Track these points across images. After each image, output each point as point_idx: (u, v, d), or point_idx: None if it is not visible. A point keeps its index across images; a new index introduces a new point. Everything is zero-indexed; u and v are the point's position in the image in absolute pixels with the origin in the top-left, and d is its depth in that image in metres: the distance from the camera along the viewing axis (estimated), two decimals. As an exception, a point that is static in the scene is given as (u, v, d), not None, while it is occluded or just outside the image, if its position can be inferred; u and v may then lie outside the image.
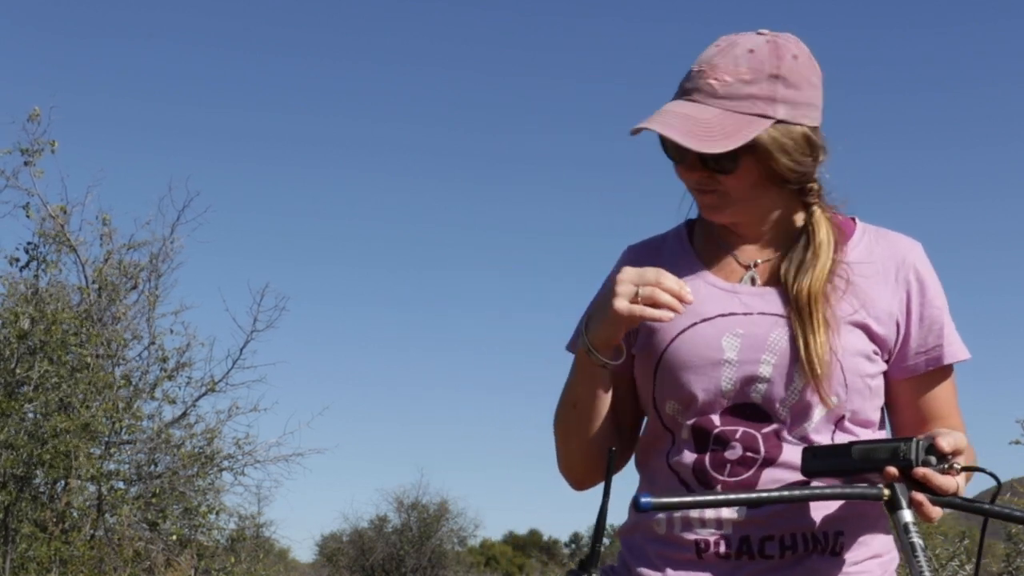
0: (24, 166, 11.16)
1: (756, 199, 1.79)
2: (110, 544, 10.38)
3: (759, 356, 1.75)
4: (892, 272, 1.81)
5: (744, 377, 1.76)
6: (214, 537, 11.90)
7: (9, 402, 9.61)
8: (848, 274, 1.79)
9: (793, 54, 1.78)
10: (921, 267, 1.82)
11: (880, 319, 1.78)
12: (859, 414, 1.78)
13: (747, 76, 1.75)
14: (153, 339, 11.68)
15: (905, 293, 1.80)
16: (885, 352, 1.79)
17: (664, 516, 1.78)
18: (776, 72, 1.76)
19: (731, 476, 1.75)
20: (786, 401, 1.75)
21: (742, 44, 1.77)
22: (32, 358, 9.96)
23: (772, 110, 1.75)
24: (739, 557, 1.73)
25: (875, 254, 1.83)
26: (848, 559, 1.75)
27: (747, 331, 1.77)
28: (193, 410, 11.84)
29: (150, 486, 10.97)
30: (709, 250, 1.88)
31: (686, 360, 1.79)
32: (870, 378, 1.78)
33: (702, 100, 1.75)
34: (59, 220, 11.25)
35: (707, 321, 1.79)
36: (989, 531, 6.60)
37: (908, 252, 1.83)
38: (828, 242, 1.80)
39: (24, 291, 10.51)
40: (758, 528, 1.73)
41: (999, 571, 13.44)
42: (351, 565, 28.03)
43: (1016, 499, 12.07)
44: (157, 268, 11.87)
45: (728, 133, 1.72)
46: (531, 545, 43.10)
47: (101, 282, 11.39)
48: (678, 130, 1.72)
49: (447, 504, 27.92)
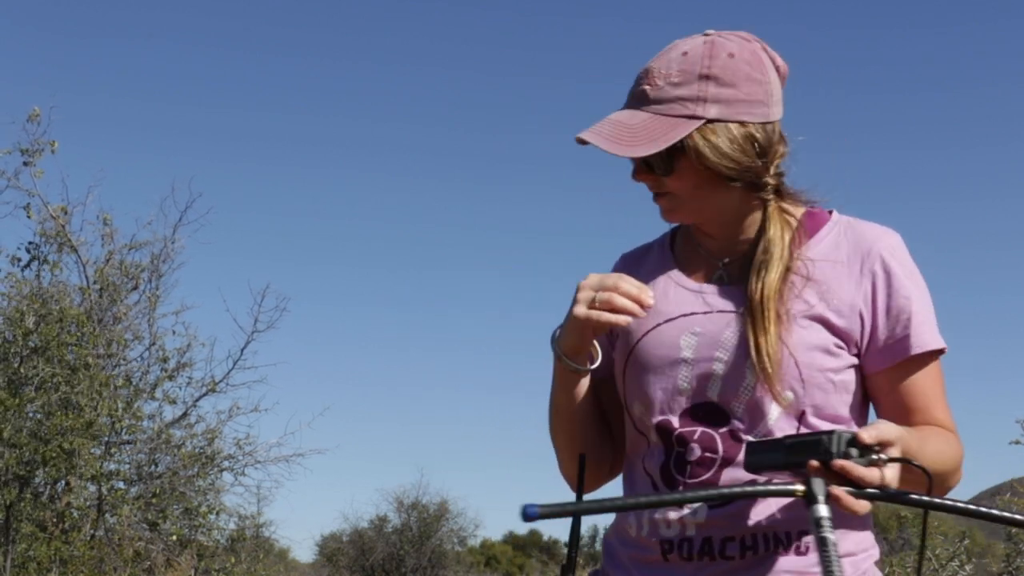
0: (24, 166, 11.18)
1: (703, 199, 1.79)
2: (110, 544, 10.38)
3: (713, 354, 1.76)
4: (857, 264, 1.78)
5: (699, 375, 1.76)
6: (214, 537, 11.90)
7: (12, 400, 9.62)
8: (808, 270, 1.77)
9: (729, 52, 1.77)
10: (888, 257, 1.78)
11: (841, 312, 1.76)
12: (823, 409, 1.75)
13: (676, 79, 1.75)
14: (154, 339, 11.69)
15: (870, 284, 1.77)
16: (852, 345, 1.77)
17: (634, 518, 1.79)
18: (707, 72, 1.75)
19: (691, 477, 1.75)
20: (740, 398, 1.74)
21: (680, 47, 1.79)
22: (36, 357, 9.96)
23: (702, 110, 1.74)
24: (701, 558, 1.73)
25: (842, 247, 1.80)
26: (814, 559, 1.71)
27: (704, 329, 1.78)
28: (194, 410, 11.85)
29: (150, 486, 10.98)
30: (686, 253, 1.90)
31: (648, 361, 1.80)
32: (832, 372, 1.75)
33: (636, 106, 1.78)
34: (60, 220, 11.26)
35: (670, 321, 1.81)
36: (989, 531, 6.64)
37: (875, 242, 1.79)
38: (779, 239, 1.79)
39: (29, 290, 10.52)
40: (719, 529, 1.73)
41: (999, 571, 13.43)
42: (351, 565, 28.02)
43: (1016, 499, 12.08)
44: (158, 268, 11.89)
45: (653, 137, 1.73)
46: (531, 545, 43.09)
47: (102, 282, 11.39)
48: (604, 137, 1.75)
49: (447, 504, 27.94)
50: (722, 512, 1.73)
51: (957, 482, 1.76)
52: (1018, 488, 12.38)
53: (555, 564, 31.94)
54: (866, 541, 1.80)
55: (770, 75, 1.80)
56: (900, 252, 1.80)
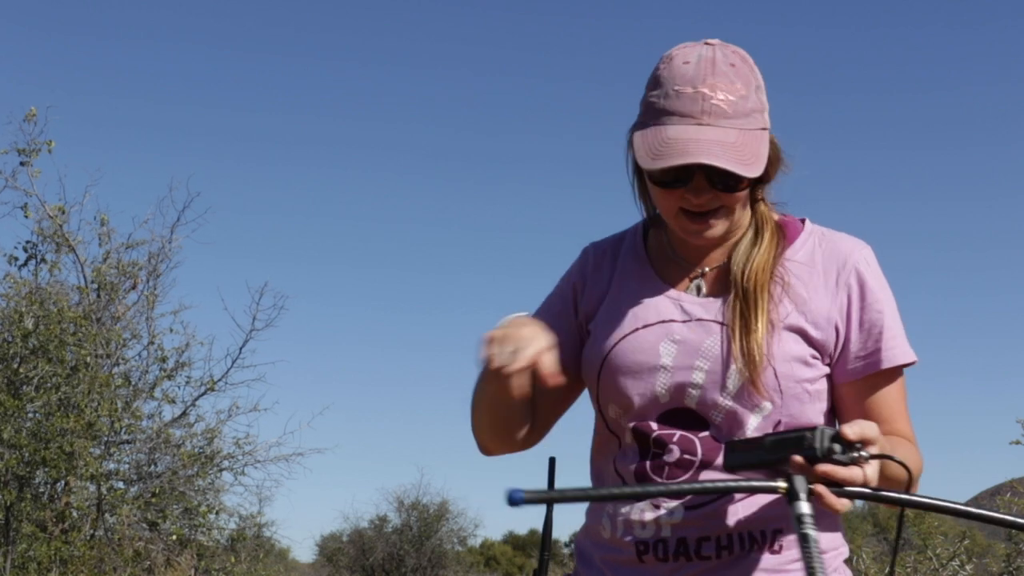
0: (21, 166, 11.18)
1: (743, 213, 1.81)
2: (110, 544, 10.38)
3: (693, 362, 1.76)
4: (833, 275, 1.79)
5: (678, 383, 1.76)
6: (214, 537, 11.91)
7: (12, 401, 9.61)
8: (786, 274, 1.78)
9: (752, 63, 1.80)
10: (864, 270, 1.79)
11: (818, 324, 1.76)
12: (797, 419, 1.76)
13: (743, 91, 1.74)
14: (152, 339, 11.69)
15: (846, 297, 1.78)
16: (825, 356, 1.78)
17: (608, 520, 1.79)
18: (758, 82, 1.78)
19: (669, 478, 1.76)
20: (720, 407, 1.75)
21: (718, 59, 1.75)
22: (35, 358, 9.96)
23: (765, 120, 1.77)
24: (677, 559, 1.73)
25: (817, 257, 1.81)
26: (789, 556, 1.74)
27: (683, 337, 1.78)
28: (193, 410, 11.86)
29: (150, 486, 10.98)
30: (661, 256, 1.88)
31: (625, 365, 1.80)
32: (808, 383, 1.76)
33: (716, 123, 1.71)
34: (57, 220, 11.26)
35: (648, 327, 1.81)
36: (990, 531, 6.62)
37: (850, 255, 1.80)
38: (771, 239, 1.81)
39: (29, 291, 10.51)
40: (695, 529, 1.73)
41: (999, 571, 13.43)
42: (351, 565, 28.03)
43: (1017, 499, 12.07)
44: (156, 268, 11.90)
45: (756, 153, 1.71)
46: (531, 545, 43.07)
47: (100, 282, 11.39)
48: (723, 159, 1.68)
49: (447, 504, 27.94)
50: (698, 512, 1.73)
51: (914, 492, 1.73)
52: (1018, 488, 12.37)
53: (555, 564, 31.95)
54: (836, 540, 1.81)
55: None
56: (873, 265, 1.81)
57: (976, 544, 14.72)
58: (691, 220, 1.76)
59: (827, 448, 1.54)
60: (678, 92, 1.73)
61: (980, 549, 16.01)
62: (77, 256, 11.50)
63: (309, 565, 32.71)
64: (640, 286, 1.85)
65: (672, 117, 1.73)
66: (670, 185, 1.74)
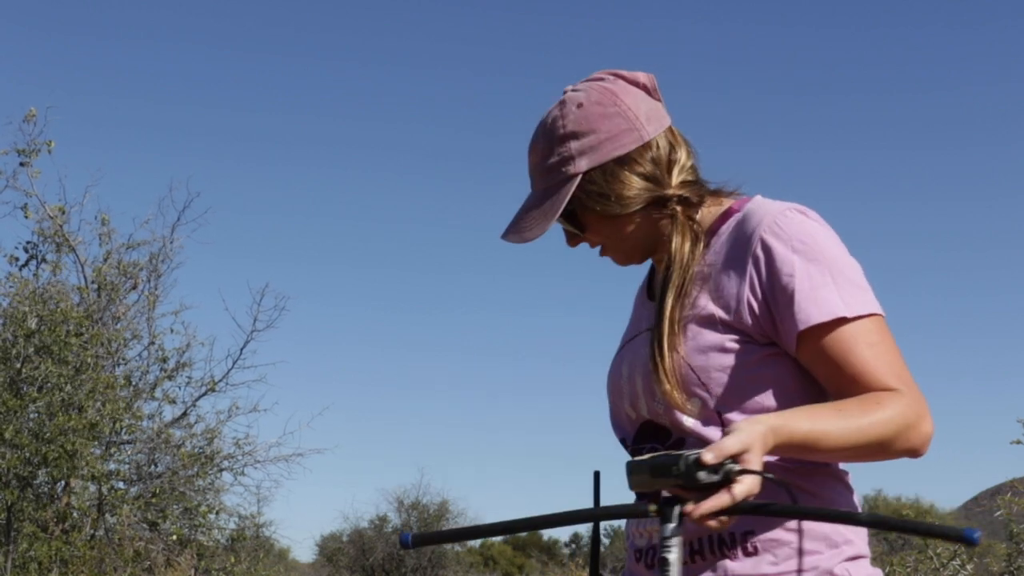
0: (21, 167, 11.18)
1: (624, 239, 1.85)
2: (110, 544, 10.38)
3: (635, 374, 1.83)
4: (744, 252, 1.74)
5: (632, 396, 1.83)
6: (214, 537, 11.91)
7: (15, 401, 9.61)
8: (709, 270, 1.77)
9: (578, 103, 1.83)
10: (768, 236, 1.72)
11: (729, 307, 1.73)
12: (741, 405, 1.72)
13: (544, 150, 1.85)
14: (153, 339, 11.70)
15: (753, 269, 1.72)
16: (756, 335, 1.73)
17: (628, 530, 1.88)
18: (563, 132, 1.82)
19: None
20: (664, 414, 1.77)
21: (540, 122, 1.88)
22: (37, 358, 9.96)
23: (574, 167, 1.81)
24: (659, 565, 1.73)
25: (733, 238, 1.78)
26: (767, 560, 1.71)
27: (633, 352, 1.86)
28: (193, 410, 11.87)
29: (150, 486, 10.98)
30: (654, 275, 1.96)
31: (609, 389, 1.92)
32: (740, 368, 1.72)
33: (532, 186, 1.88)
34: (58, 220, 11.26)
35: (620, 348, 1.93)
36: (990, 531, 6.62)
37: (758, 225, 1.74)
38: (680, 250, 1.80)
39: (31, 291, 10.52)
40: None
41: (1000, 571, 13.43)
42: (351, 565, 28.03)
43: (1017, 499, 12.06)
44: (157, 268, 11.90)
45: (545, 212, 1.82)
46: (531, 545, 43.06)
47: (100, 282, 11.40)
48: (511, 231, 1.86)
49: (447, 504, 27.95)
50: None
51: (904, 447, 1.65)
52: (1019, 488, 12.36)
53: (555, 564, 31.97)
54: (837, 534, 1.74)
55: (626, 101, 1.82)
56: (786, 227, 1.72)
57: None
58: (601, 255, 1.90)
59: (692, 475, 1.54)
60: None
61: (981, 548, 16.01)
62: (78, 256, 11.51)
63: (309, 565, 32.71)
64: (635, 310, 1.96)
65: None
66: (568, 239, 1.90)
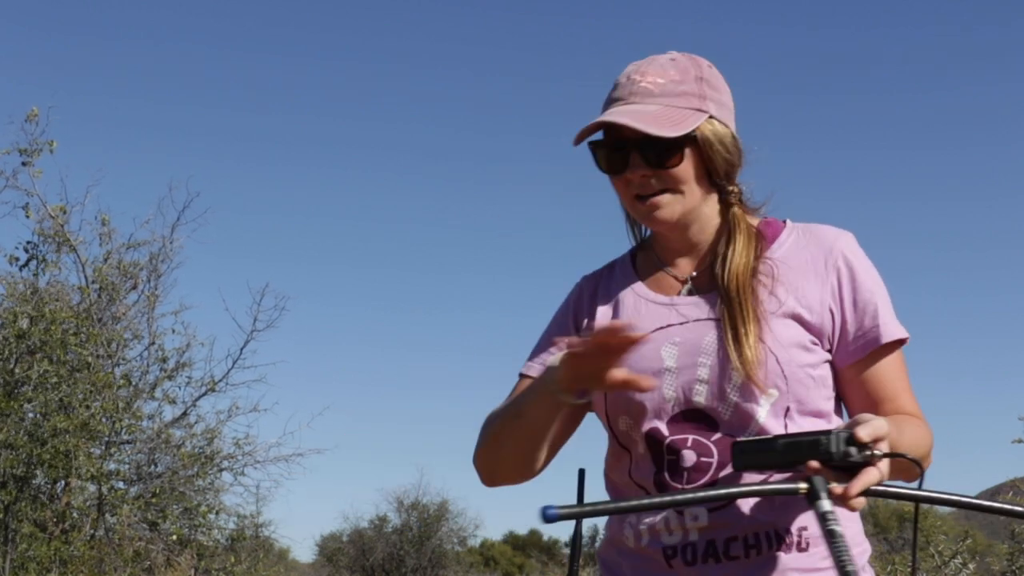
0: (23, 166, 11.17)
1: (693, 197, 1.85)
2: (110, 544, 10.37)
3: (696, 360, 1.79)
4: (821, 262, 1.84)
5: (685, 382, 1.79)
6: (214, 537, 11.91)
7: (9, 402, 9.60)
8: (774, 270, 1.83)
9: (708, 65, 1.90)
10: (849, 254, 1.85)
11: (812, 308, 1.81)
12: (806, 404, 1.78)
13: (676, 77, 1.84)
14: (153, 339, 11.69)
15: (836, 280, 1.83)
16: (825, 341, 1.81)
17: (631, 530, 1.81)
18: (700, 75, 1.86)
19: (689, 483, 1.77)
20: (727, 401, 1.77)
21: (661, 57, 1.88)
22: (31, 358, 9.95)
23: (705, 106, 1.84)
24: (706, 561, 1.74)
25: (802, 248, 1.87)
26: (819, 554, 1.75)
27: (683, 338, 1.81)
28: (193, 410, 11.86)
29: (150, 486, 10.97)
30: (649, 270, 1.94)
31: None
32: (811, 368, 1.79)
33: (641, 101, 1.82)
34: (58, 220, 11.25)
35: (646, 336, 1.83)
36: (991, 531, 6.63)
37: (835, 241, 1.86)
38: (747, 239, 1.86)
39: (23, 291, 10.51)
40: (722, 530, 1.74)
41: (1002, 570, 13.42)
42: (351, 565, 28.04)
43: (1018, 498, 12.06)
44: (157, 268, 11.90)
45: (675, 122, 1.79)
46: (531, 545, 43.06)
47: (101, 282, 11.39)
48: (632, 118, 1.77)
49: (447, 504, 27.98)
50: (722, 513, 1.74)
51: (928, 466, 1.78)
52: (1020, 487, 12.36)
53: (555, 564, 31.96)
54: (859, 537, 1.84)
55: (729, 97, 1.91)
56: (858, 250, 1.87)
57: (978, 543, 14.72)
58: (642, 203, 1.84)
59: (843, 452, 1.55)
60: (615, 84, 1.87)
61: (982, 548, 16.01)
62: (78, 256, 11.50)
63: (309, 565, 32.72)
64: (634, 300, 1.91)
65: (608, 104, 1.85)
66: (616, 172, 1.84)
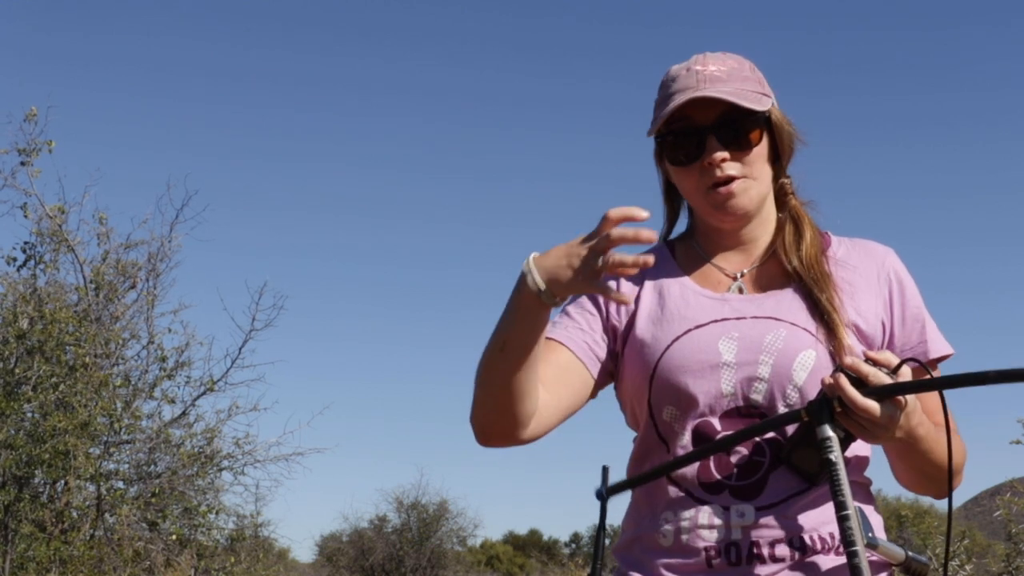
0: (21, 166, 11.16)
1: (765, 179, 1.86)
2: (110, 544, 10.36)
3: (757, 357, 1.77)
4: (873, 274, 1.87)
5: (744, 379, 1.77)
6: (214, 537, 11.90)
7: (8, 402, 9.60)
8: (842, 281, 1.84)
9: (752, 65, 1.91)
10: (899, 270, 1.89)
11: (868, 319, 1.83)
12: None
13: (736, 66, 1.86)
14: (152, 338, 11.67)
15: (887, 294, 1.86)
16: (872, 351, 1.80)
17: (671, 527, 1.77)
18: (752, 66, 1.90)
19: (739, 480, 1.75)
20: (787, 402, 1.75)
21: (710, 53, 1.88)
22: (31, 358, 9.95)
23: (767, 91, 1.87)
24: (750, 562, 1.72)
25: (854, 259, 1.89)
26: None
27: (742, 334, 1.79)
28: (192, 409, 11.84)
29: (150, 486, 10.96)
30: (692, 265, 1.91)
31: (683, 364, 1.79)
32: None
33: (712, 86, 1.81)
34: (56, 220, 11.24)
35: (701, 327, 1.81)
36: (990, 531, 6.60)
37: (885, 256, 1.90)
38: (813, 231, 1.90)
39: (23, 291, 10.51)
40: (768, 531, 1.73)
41: (999, 571, 13.43)
42: (351, 565, 28.01)
43: (1017, 499, 12.06)
44: (155, 267, 11.87)
45: (755, 100, 1.81)
46: (531, 545, 43.08)
47: (99, 281, 11.38)
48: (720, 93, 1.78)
49: (447, 504, 27.93)
50: (769, 514, 1.73)
51: (957, 483, 1.79)
52: (1018, 488, 12.36)
53: (555, 564, 31.94)
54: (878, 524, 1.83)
55: None
56: (904, 266, 1.92)
57: (976, 544, 14.73)
58: (716, 192, 1.82)
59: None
60: (674, 78, 1.85)
61: (980, 549, 16.02)
62: (76, 256, 11.48)
63: (309, 565, 32.71)
64: (681, 291, 1.87)
65: (672, 96, 1.83)
66: (687, 161, 1.83)
